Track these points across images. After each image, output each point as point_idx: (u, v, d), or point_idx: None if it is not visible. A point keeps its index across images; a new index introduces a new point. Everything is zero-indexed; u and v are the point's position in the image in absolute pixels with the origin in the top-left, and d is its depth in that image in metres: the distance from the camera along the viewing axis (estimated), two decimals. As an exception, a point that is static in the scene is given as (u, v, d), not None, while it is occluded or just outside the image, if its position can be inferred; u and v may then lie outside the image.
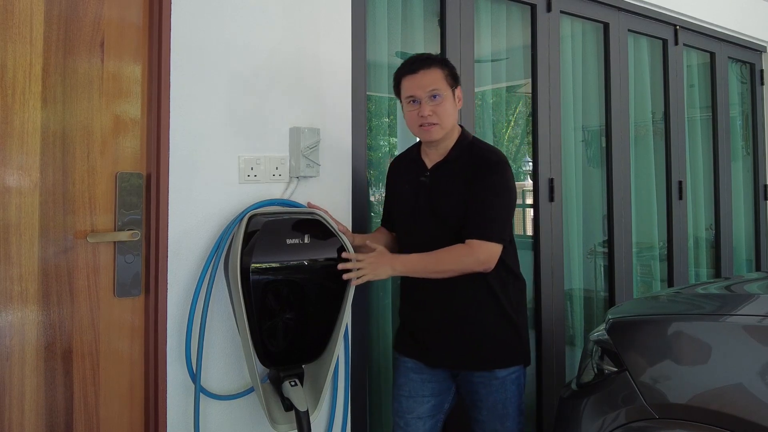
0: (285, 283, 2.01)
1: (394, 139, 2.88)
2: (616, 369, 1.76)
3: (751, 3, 4.44)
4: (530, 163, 3.31)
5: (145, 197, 1.99)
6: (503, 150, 3.05)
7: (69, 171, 1.89)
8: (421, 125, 2.03)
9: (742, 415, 1.43)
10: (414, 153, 2.18)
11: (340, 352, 2.25)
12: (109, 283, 1.96)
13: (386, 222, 2.31)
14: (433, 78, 2.02)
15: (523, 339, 2.09)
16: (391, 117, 2.82)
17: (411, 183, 2.12)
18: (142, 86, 2.00)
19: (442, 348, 2.07)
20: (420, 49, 2.88)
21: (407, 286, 2.17)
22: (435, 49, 2.87)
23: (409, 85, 2.04)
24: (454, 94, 2.06)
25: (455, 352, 2.06)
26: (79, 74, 1.90)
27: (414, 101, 2.03)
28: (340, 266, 2.01)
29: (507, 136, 3.36)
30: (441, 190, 2.04)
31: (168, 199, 1.98)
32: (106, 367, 1.96)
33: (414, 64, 2.05)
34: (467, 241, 1.95)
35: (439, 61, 2.07)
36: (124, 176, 1.96)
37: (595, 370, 1.88)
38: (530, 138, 3.23)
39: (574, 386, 2.00)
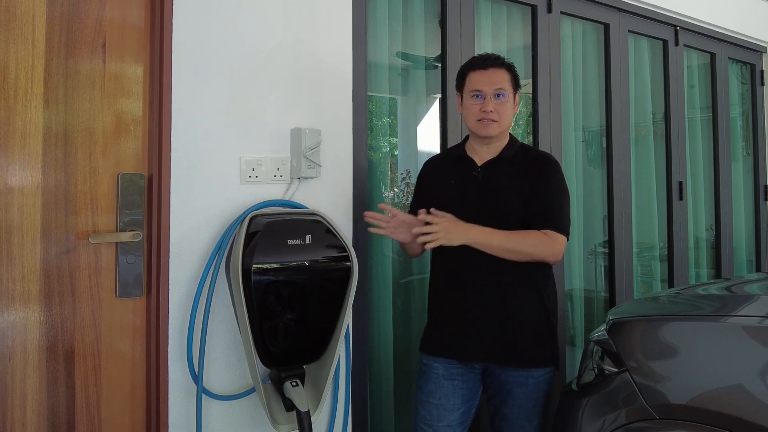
0: (286, 283, 2.02)
1: (395, 140, 2.89)
2: (616, 369, 1.77)
3: (752, 4, 4.44)
4: None
5: (146, 198, 2.00)
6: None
7: (71, 172, 1.89)
8: (480, 120, 2.08)
9: (741, 416, 1.43)
10: (459, 150, 2.21)
11: (341, 352, 2.26)
12: (111, 284, 1.96)
13: None
14: (501, 77, 2.09)
15: (556, 340, 2.11)
16: (392, 117, 2.83)
17: (459, 178, 2.14)
18: (143, 87, 2.01)
19: (481, 341, 2.05)
20: (421, 49, 2.89)
21: (445, 279, 2.15)
22: (436, 50, 2.87)
23: (477, 79, 2.10)
24: (514, 98, 2.14)
25: (493, 346, 2.04)
26: (81, 75, 1.91)
27: (478, 95, 2.09)
28: (416, 230, 2.00)
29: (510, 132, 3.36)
30: (495, 186, 2.08)
31: (169, 200, 1.99)
32: (107, 368, 1.96)
33: (486, 60, 2.12)
34: (543, 231, 2.00)
35: (508, 64, 2.14)
36: (126, 177, 1.96)
37: (596, 370, 1.89)
38: (531, 138, 3.24)
39: (574, 386, 2.01)
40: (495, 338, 2.04)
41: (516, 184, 2.07)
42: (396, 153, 2.89)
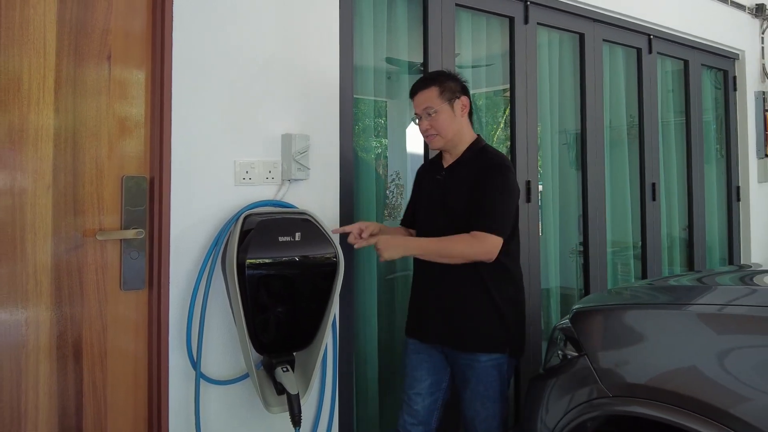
0: (278, 277, 2.19)
1: (386, 141, 3.06)
2: (576, 354, 1.95)
3: (725, 13, 4.64)
4: None
5: (148, 198, 2.16)
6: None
7: (79, 174, 2.06)
8: (425, 137, 2.38)
9: (694, 395, 1.61)
10: (437, 157, 2.48)
11: (328, 340, 2.43)
12: (116, 278, 2.13)
13: (406, 221, 2.58)
14: (427, 96, 2.31)
15: (510, 330, 2.26)
16: (384, 119, 3.00)
17: (431, 181, 2.42)
18: (145, 94, 2.17)
19: (435, 327, 2.33)
20: (404, 55, 3.07)
21: (417, 274, 2.44)
22: (418, 56, 3.05)
23: (414, 105, 2.39)
24: (452, 107, 2.30)
25: (444, 332, 2.30)
26: (88, 84, 2.07)
27: (417, 118, 2.37)
28: (356, 245, 2.29)
29: (496, 138, 3.54)
30: (453, 188, 2.29)
31: (170, 200, 2.15)
32: (113, 355, 2.12)
33: (414, 87, 2.36)
34: (473, 232, 2.16)
35: (434, 79, 2.33)
36: (130, 179, 2.13)
37: (560, 355, 2.07)
38: (509, 142, 3.42)
39: (541, 370, 2.19)
40: (445, 325, 2.30)
41: (468, 187, 2.24)
42: (387, 154, 3.06)
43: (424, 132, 2.35)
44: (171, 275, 2.16)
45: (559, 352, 2.08)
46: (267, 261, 2.15)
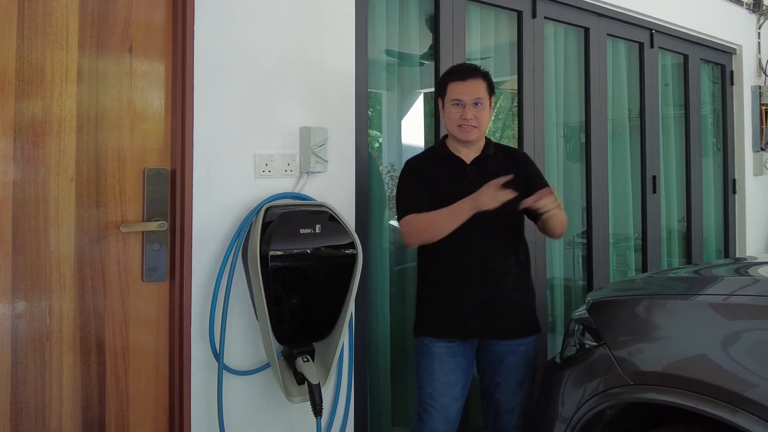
0: (299, 268, 2.22)
1: (378, 133, 3.06)
2: (595, 343, 1.99)
3: (723, 8, 4.69)
4: None
5: (170, 190, 2.17)
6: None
7: (101, 166, 2.06)
8: (460, 126, 2.31)
9: (707, 380, 1.67)
10: (444, 151, 2.41)
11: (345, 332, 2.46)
12: (138, 270, 2.14)
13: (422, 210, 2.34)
14: (478, 87, 2.32)
15: (536, 311, 2.41)
16: (378, 111, 3.00)
17: (453, 175, 2.35)
18: (166, 87, 2.18)
19: (481, 320, 2.30)
20: (415, 48, 3.09)
21: (442, 270, 2.34)
22: (423, 48, 3.08)
23: (457, 89, 2.32)
24: (491, 103, 2.38)
25: (491, 323, 2.31)
26: (110, 76, 2.08)
27: (458, 104, 2.31)
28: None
29: (488, 130, 3.56)
30: (487, 180, 2.22)
31: (192, 192, 2.17)
32: (135, 346, 2.14)
33: (465, 72, 2.34)
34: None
35: (483, 73, 2.36)
36: (152, 171, 2.14)
37: (577, 345, 2.11)
38: (510, 132, 3.46)
39: (558, 360, 2.23)
40: (494, 315, 2.30)
41: (508, 174, 2.26)
42: (381, 147, 3.07)
43: (466, 121, 2.30)
44: (193, 266, 2.17)
45: (576, 341, 2.12)
46: (289, 252, 2.18)
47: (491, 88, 2.37)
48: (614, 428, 1.96)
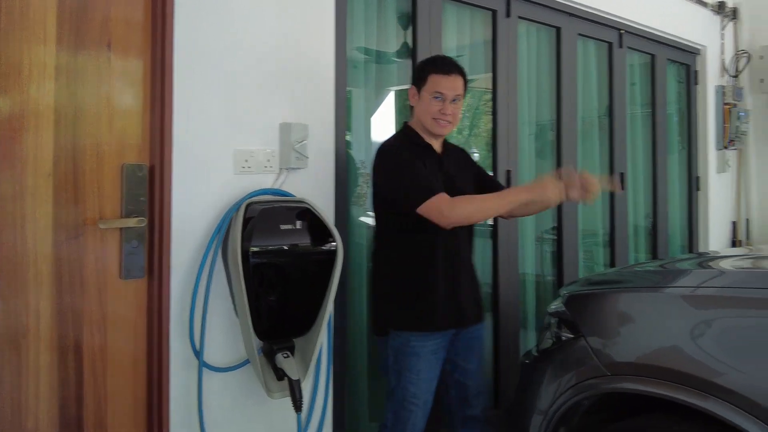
0: (279, 264, 2.22)
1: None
2: (572, 335, 2.04)
3: (689, 9, 4.81)
4: (476, 154, 3.60)
5: (149, 187, 2.16)
6: (455, 140, 3.15)
7: (79, 162, 2.04)
8: (436, 119, 2.32)
9: (678, 369, 1.73)
10: (421, 141, 2.39)
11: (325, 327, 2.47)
12: (116, 267, 2.12)
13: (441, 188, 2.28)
14: (459, 84, 2.34)
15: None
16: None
17: (432, 165, 2.36)
18: (145, 83, 2.16)
19: (472, 308, 2.42)
20: (388, 46, 3.11)
21: (435, 266, 2.31)
22: (395, 45, 3.10)
23: (440, 82, 2.32)
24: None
25: (476, 308, 2.43)
26: (88, 72, 2.05)
27: (439, 98, 2.31)
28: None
29: (457, 127, 3.59)
30: (456, 172, 2.42)
31: (171, 188, 2.15)
32: (113, 344, 2.12)
33: (449, 66, 2.35)
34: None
35: (462, 70, 2.39)
36: (130, 167, 2.12)
37: (554, 338, 2.16)
38: (477, 130, 3.50)
39: (534, 353, 2.28)
40: (470, 302, 2.41)
41: (468, 170, 2.52)
42: (351, 144, 3.06)
43: (444, 116, 2.31)
44: (172, 263, 2.16)
45: (553, 334, 2.17)
46: (270, 249, 2.18)
47: (466, 86, 2.40)
48: (591, 419, 2.02)
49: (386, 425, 2.36)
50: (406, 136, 2.42)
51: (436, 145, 2.42)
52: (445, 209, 2.17)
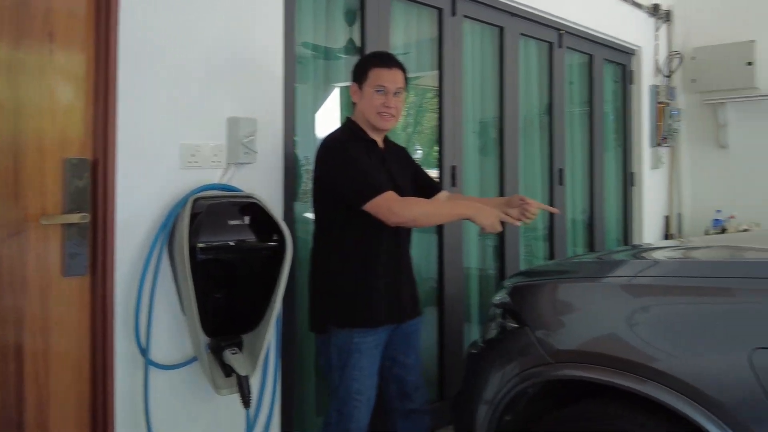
0: (227, 260, 2.22)
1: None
2: (517, 325, 2.11)
3: (626, 11, 4.98)
4: (419, 151, 3.68)
5: (92, 181, 2.10)
6: (397, 138, 3.12)
7: (20, 157, 1.98)
8: (380, 113, 2.32)
9: (617, 355, 1.82)
10: (364, 134, 2.39)
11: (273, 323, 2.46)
12: (58, 264, 2.06)
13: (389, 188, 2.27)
14: (400, 77, 2.36)
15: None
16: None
17: (375, 160, 2.37)
18: (88, 76, 2.10)
19: (412, 302, 2.46)
20: (333, 42, 3.12)
21: (377, 263, 2.32)
22: (341, 41, 3.12)
23: (382, 75, 2.33)
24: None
25: (416, 303, 2.48)
26: (30, 65, 1.99)
27: (382, 91, 2.32)
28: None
29: (401, 125, 3.64)
30: (395, 168, 2.44)
31: (115, 183, 2.11)
32: (55, 344, 2.06)
33: (390, 60, 2.37)
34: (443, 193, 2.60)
35: (403, 65, 2.40)
36: (73, 161, 2.07)
37: (499, 328, 2.22)
38: (421, 127, 3.55)
39: (480, 343, 2.34)
40: (412, 297, 2.46)
41: (408, 166, 2.55)
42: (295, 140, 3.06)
43: (388, 109, 2.32)
44: (117, 260, 2.12)
45: (498, 325, 2.23)
46: (217, 244, 2.17)
47: (406, 81, 2.42)
48: (536, 406, 2.09)
49: (330, 423, 2.35)
50: (350, 130, 2.41)
51: (379, 141, 2.44)
52: (395, 208, 2.19)
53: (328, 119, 3.13)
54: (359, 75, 2.38)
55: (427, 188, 2.56)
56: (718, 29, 5.26)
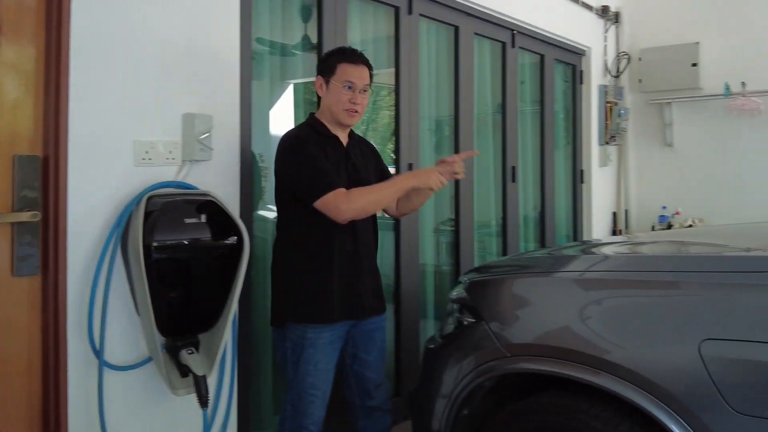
0: (183, 259, 2.19)
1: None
2: (474, 320, 2.15)
3: (576, 12, 5.09)
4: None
5: (42, 179, 2.05)
6: None
7: (-35, 153, 1.91)
8: (347, 109, 2.34)
9: (571, 347, 1.87)
10: (325, 130, 2.39)
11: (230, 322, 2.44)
12: (8, 264, 2.00)
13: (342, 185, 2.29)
14: (367, 74, 2.39)
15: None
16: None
17: (336, 156, 2.37)
18: (38, 70, 2.04)
19: (371, 299, 2.43)
20: (289, 38, 3.11)
21: (333, 257, 2.31)
22: (296, 38, 3.12)
23: (350, 71, 2.34)
24: None
25: (377, 300, 2.46)
26: (-27, 58, 1.93)
27: (350, 87, 2.33)
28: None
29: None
30: (360, 163, 2.45)
31: (66, 181, 2.06)
32: (4, 346, 2.00)
33: (358, 57, 2.38)
34: None
35: (369, 62, 2.42)
36: (22, 158, 2.01)
37: (456, 323, 2.26)
38: (375, 125, 3.57)
39: (438, 338, 2.37)
40: (372, 293, 2.44)
41: (372, 161, 2.55)
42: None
43: (354, 105, 2.33)
44: (69, 260, 2.07)
45: (455, 320, 2.26)
46: (173, 243, 2.15)
47: (371, 79, 2.44)
48: (493, 399, 2.14)
49: (285, 417, 2.36)
50: (311, 127, 2.41)
51: (343, 136, 2.44)
52: (341, 204, 2.21)
53: (283, 116, 3.11)
54: (326, 69, 2.39)
55: None
56: (665, 31, 5.44)
